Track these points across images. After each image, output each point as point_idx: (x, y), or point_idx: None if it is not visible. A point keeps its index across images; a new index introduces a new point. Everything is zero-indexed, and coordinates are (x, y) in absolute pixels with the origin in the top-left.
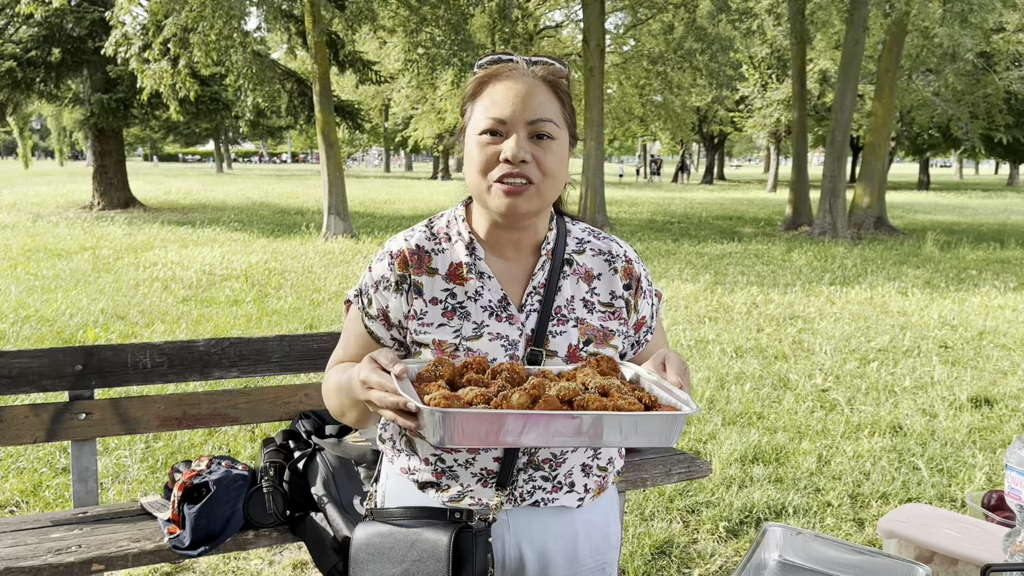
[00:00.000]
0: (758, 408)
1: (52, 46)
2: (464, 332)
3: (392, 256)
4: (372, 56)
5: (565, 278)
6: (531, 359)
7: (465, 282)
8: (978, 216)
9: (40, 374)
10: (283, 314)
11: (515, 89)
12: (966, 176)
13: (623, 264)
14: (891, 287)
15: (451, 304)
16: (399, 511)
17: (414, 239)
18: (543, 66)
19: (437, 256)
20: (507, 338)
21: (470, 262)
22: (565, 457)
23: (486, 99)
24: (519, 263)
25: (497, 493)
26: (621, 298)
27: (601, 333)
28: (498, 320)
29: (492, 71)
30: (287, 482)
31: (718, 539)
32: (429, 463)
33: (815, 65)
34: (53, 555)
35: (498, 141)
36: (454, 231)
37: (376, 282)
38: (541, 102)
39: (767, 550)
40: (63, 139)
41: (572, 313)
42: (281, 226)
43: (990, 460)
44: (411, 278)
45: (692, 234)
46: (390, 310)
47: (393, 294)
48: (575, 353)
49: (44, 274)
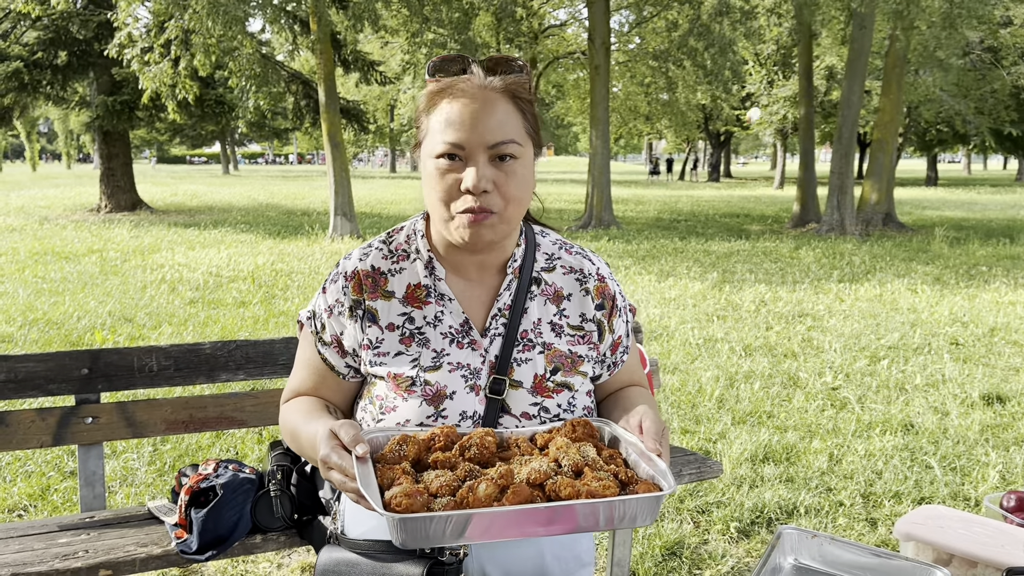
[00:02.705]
0: (768, 407)
1: (58, 49)
2: (422, 362)
3: (346, 278)
4: (376, 56)
5: (532, 299)
6: (493, 388)
7: (424, 305)
8: (987, 212)
9: (46, 378)
10: (290, 315)
11: (471, 108)
12: (974, 171)
13: (595, 283)
14: (900, 284)
15: (408, 329)
16: (366, 543)
17: (369, 259)
18: (501, 77)
19: (393, 277)
20: (468, 367)
21: (429, 284)
22: None
23: (441, 117)
24: (482, 283)
25: None
26: (592, 320)
27: (569, 360)
28: (459, 347)
29: (446, 84)
30: (295, 485)
31: (729, 540)
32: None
33: (822, 61)
34: (60, 560)
35: (457, 166)
36: (413, 248)
37: (330, 306)
38: (501, 121)
39: (782, 554)
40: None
41: (539, 337)
42: (287, 227)
43: (1003, 458)
44: (365, 304)
45: (699, 232)
46: (344, 337)
47: (348, 320)
48: (541, 384)
49: (52, 277)
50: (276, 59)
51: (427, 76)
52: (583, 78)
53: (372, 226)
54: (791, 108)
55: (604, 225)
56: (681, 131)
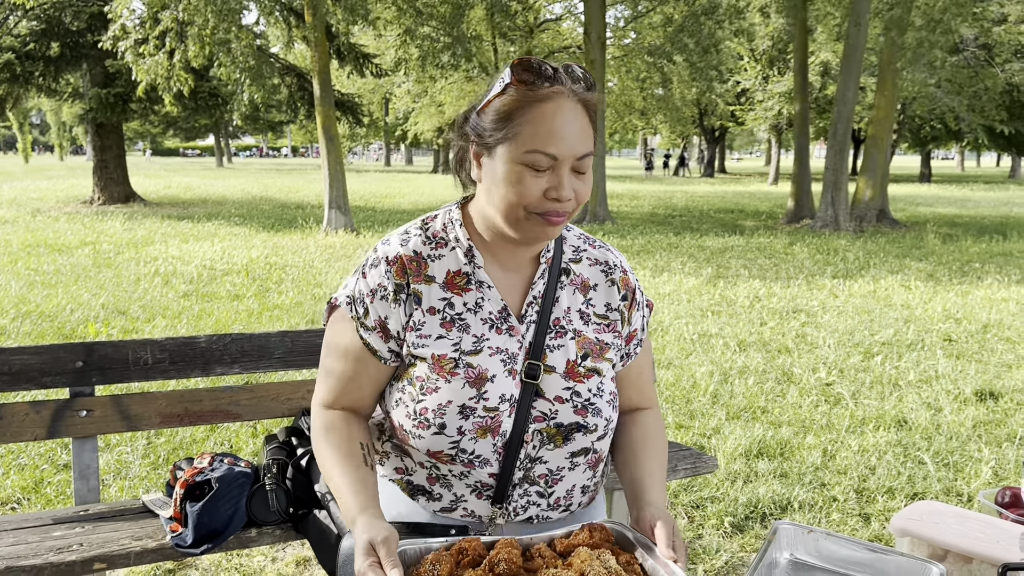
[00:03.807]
0: (762, 402)
1: (51, 40)
2: (463, 346)
3: (388, 263)
4: (371, 49)
5: (562, 288)
6: (529, 373)
7: (464, 292)
8: (980, 209)
9: (40, 371)
10: (284, 308)
11: (563, 119)
12: (968, 168)
13: (620, 275)
14: (894, 280)
15: (449, 314)
16: (395, 526)
17: (410, 244)
18: (585, 89)
19: (434, 263)
20: (506, 351)
21: (469, 271)
22: (562, 475)
23: (535, 125)
24: (518, 272)
25: (493, 509)
26: (617, 310)
27: (597, 347)
28: (498, 332)
29: (543, 94)
30: (290, 479)
31: (723, 535)
32: (424, 467)
33: (817, 57)
34: (54, 554)
35: (543, 173)
36: (451, 236)
37: (372, 290)
38: (586, 133)
39: (778, 549)
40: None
41: (570, 325)
42: (282, 220)
43: (996, 454)
44: (410, 286)
45: (694, 227)
46: (389, 321)
47: (391, 304)
48: (573, 369)
49: (44, 269)
50: (271, 52)
51: (513, 77)
52: None
53: (366, 220)
54: (786, 104)
55: (599, 220)
56: (676, 126)
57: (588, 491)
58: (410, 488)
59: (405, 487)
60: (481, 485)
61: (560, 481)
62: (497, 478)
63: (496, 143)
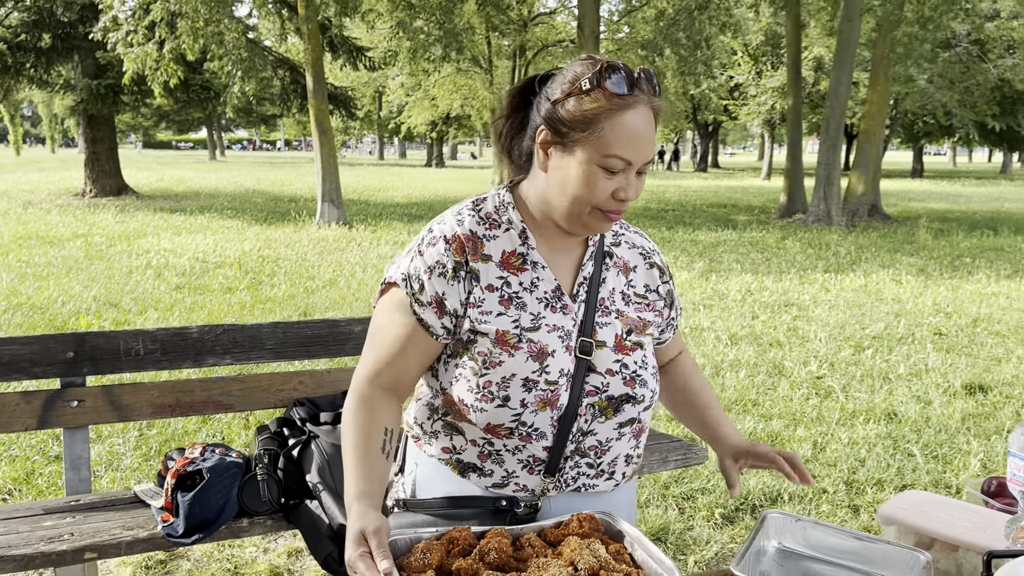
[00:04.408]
0: (753, 395)
1: (42, 31)
2: (523, 323)
3: (447, 241)
4: (364, 42)
5: (607, 270)
6: (582, 349)
7: (520, 272)
8: (971, 204)
9: (31, 361)
10: (277, 301)
11: (642, 127)
12: (960, 164)
13: (658, 259)
14: (885, 274)
15: (507, 293)
16: (438, 501)
17: (466, 224)
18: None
19: (489, 243)
20: (562, 328)
21: (523, 251)
22: (610, 445)
23: (617, 133)
24: (568, 253)
25: (545, 480)
26: (655, 291)
27: (640, 323)
28: (552, 311)
29: (628, 101)
30: (281, 469)
31: (714, 525)
32: (477, 444)
33: (810, 52)
34: (45, 543)
35: (614, 176)
36: (504, 218)
37: (430, 267)
38: (655, 139)
39: (766, 537)
40: (54, 126)
41: (613, 305)
42: (274, 213)
43: (984, 447)
44: (468, 264)
45: (687, 222)
46: (447, 298)
47: (450, 281)
48: (621, 343)
49: (36, 261)
50: (263, 44)
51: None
52: None
53: (359, 213)
54: (779, 99)
55: None
56: (669, 121)
57: (631, 461)
58: (460, 466)
59: (455, 466)
60: (533, 460)
61: (608, 452)
62: (550, 451)
63: (575, 143)
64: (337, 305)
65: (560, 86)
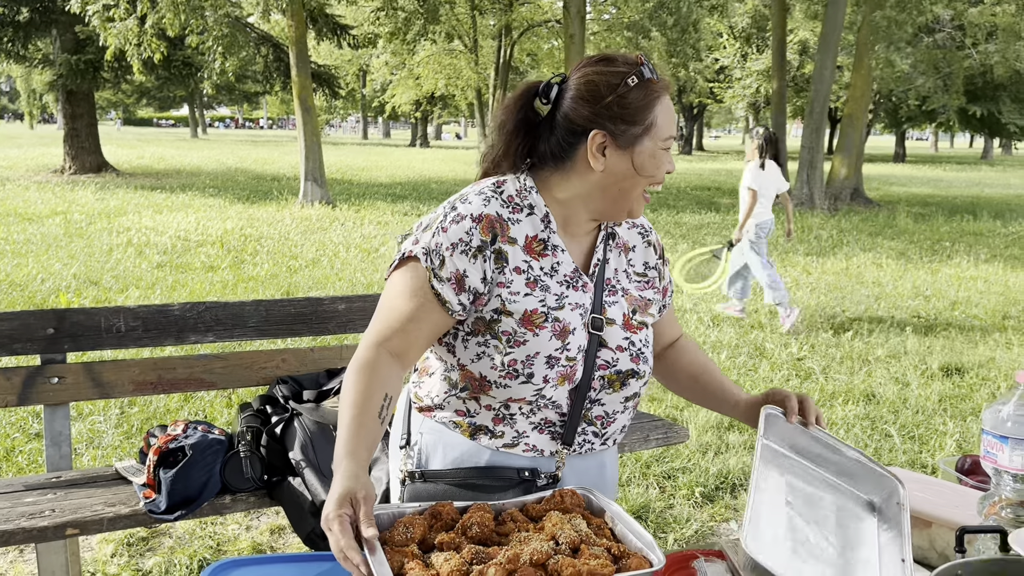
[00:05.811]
0: (734, 376)
1: (20, 5)
2: (549, 303)
3: (474, 220)
4: (348, 21)
5: (611, 251)
6: (595, 325)
7: (541, 257)
8: (952, 189)
9: (11, 337)
10: (259, 280)
11: (671, 105)
12: (941, 149)
13: (654, 237)
14: (866, 258)
15: (532, 275)
16: (461, 471)
17: (492, 205)
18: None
19: (514, 226)
20: (583, 306)
21: (545, 236)
22: (615, 417)
23: (664, 116)
24: (584, 236)
25: (563, 449)
26: (654, 268)
27: (643, 302)
28: (574, 290)
29: (663, 85)
30: (264, 446)
31: (694, 504)
32: (492, 409)
33: (795, 36)
34: (27, 519)
35: (665, 154)
36: (526, 202)
37: (453, 244)
38: None
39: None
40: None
41: (618, 284)
42: (257, 192)
43: (960, 428)
44: (495, 245)
45: (671, 204)
46: (468, 276)
47: (471, 259)
48: (629, 321)
49: (14, 239)
50: (246, 20)
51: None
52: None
53: (343, 192)
54: (764, 82)
55: None
56: None
57: (624, 428)
58: (472, 428)
59: (467, 428)
60: (545, 422)
61: (613, 423)
62: (565, 424)
63: (637, 136)
64: (320, 284)
65: (601, 90)
